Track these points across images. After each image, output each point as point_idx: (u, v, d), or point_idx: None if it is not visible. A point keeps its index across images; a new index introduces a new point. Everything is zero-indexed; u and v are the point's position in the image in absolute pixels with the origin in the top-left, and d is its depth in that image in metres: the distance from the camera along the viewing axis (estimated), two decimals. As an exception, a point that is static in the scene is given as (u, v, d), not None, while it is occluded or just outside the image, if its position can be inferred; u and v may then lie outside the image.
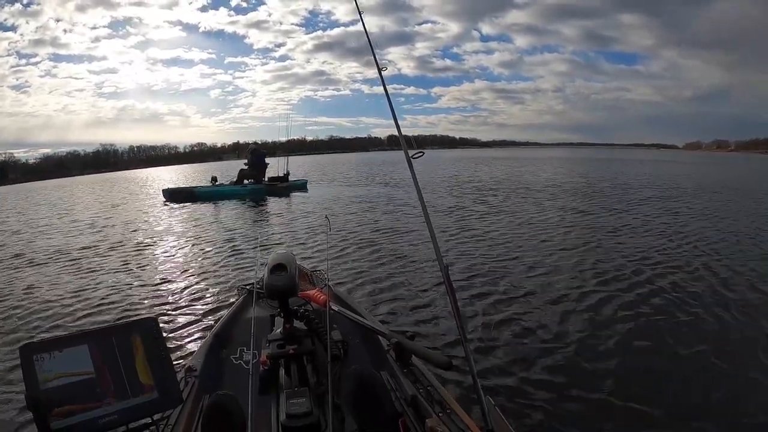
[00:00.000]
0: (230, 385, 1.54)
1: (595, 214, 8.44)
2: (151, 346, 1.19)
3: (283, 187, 14.78)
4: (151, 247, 6.82)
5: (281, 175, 15.30)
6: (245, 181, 14.70)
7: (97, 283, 4.84)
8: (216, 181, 15.08)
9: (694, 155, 68.08)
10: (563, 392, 2.43)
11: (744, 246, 5.73)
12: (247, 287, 2.67)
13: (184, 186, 16.94)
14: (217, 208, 11.57)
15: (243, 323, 2.10)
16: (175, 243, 7.08)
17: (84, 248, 6.90)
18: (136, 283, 4.78)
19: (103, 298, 4.33)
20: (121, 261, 5.85)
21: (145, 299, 4.29)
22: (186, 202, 13.02)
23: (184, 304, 4.09)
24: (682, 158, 47.31)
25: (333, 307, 1.92)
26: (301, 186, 15.71)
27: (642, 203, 9.99)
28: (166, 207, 12.44)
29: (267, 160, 15.55)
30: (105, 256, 6.19)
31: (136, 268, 5.47)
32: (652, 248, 5.60)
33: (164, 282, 4.83)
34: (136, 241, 7.33)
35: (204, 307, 3.97)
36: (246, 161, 15.21)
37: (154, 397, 1.16)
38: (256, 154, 15.19)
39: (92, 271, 5.38)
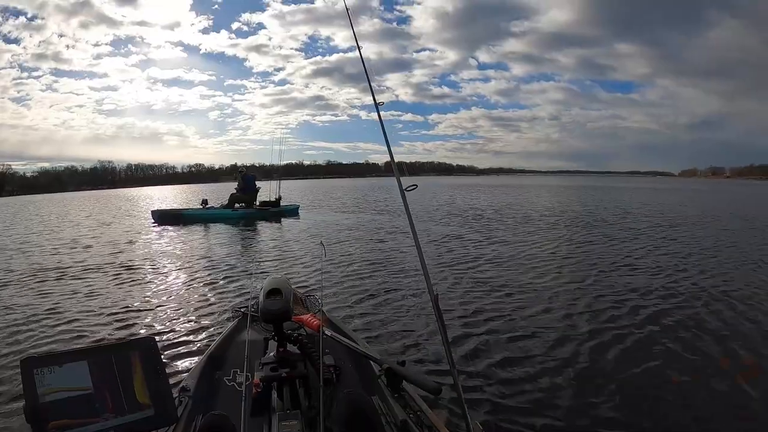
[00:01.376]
0: (223, 406, 1.56)
1: (595, 244, 8.48)
2: (148, 364, 1.21)
3: (275, 212, 14.64)
4: (144, 268, 6.78)
5: (273, 199, 15.12)
6: (236, 205, 14.54)
7: (91, 305, 4.81)
8: (206, 204, 14.90)
9: (691, 182, 68.59)
10: (550, 419, 2.46)
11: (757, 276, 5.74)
12: (242, 310, 2.69)
13: (173, 208, 16.68)
14: (208, 232, 11.48)
15: (237, 345, 2.12)
16: (168, 265, 7.04)
17: (74, 269, 6.86)
18: (130, 304, 4.76)
19: (98, 318, 4.32)
20: (115, 282, 5.82)
21: (139, 319, 4.28)
22: (175, 224, 12.88)
23: (178, 325, 4.09)
24: (679, 185, 47.59)
25: (326, 332, 1.94)
26: (293, 211, 15.49)
27: (644, 232, 10.02)
28: (156, 228, 12.27)
29: (260, 183, 15.44)
30: (96, 278, 6.15)
31: (130, 289, 5.44)
32: (653, 278, 5.63)
33: (158, 303, 4.82)
34: (128, 262, 7.27)
35: (198, 328, 3.97)
36: (237, 186, 15.02)
37: (150, 415, 1.18)
38: (246, 177, 15.00)
39: (86, 292, 5.36)
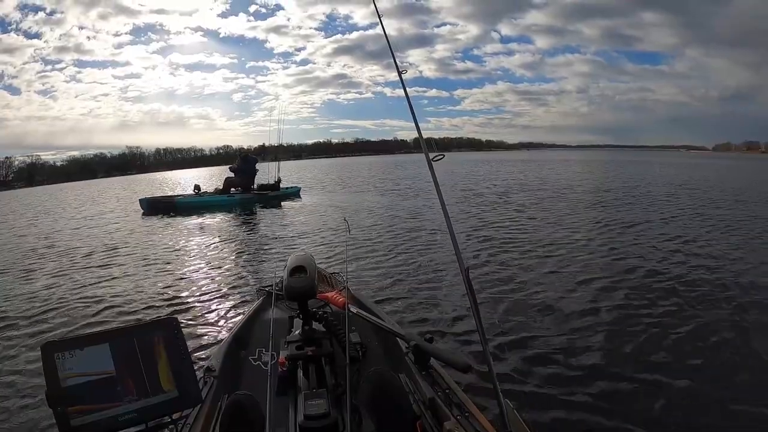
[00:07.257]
0: (249, 386, 1.55)
1: (639, 224, 7.56)
2: (171, 345, 1.20)
3: (274, 195, 13.82)
4: (157, 255, 6.63)
5: (272, 182, 14.19)
6: (232, 190, 13.62)
7: (115, 288, 4.88)
8: (199, 190, 13.54)
9: (728, 157, 64.33)
10: (585, 399, 2.38)
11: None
12: (266, 289, 2.69)
13: (164, 195, 15.09)
14: (209, 220, 10.66)
15: (262, 324, 2.11)
16: (183, 252, 6.90)
17: (93, 254, 6.93)
18: (149, 289, 4.79)
19: (121, 301, 4.38)
20: (132, 270, 5.76)
21: (160, 303, 4.30)
22: (166, 213, 11.86)
23: (201, 306, 4.11)
24: (719, 161, 42.03)
25: (352, 309, 1.91)
26: (294, 194, 14.70)
27: (698, 216, 8.45)
28: (150, 219, 11.24)
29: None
30: (112, 266, 6.10)
31: (148, 275, 5.42)
32: (708, 266, 4.87)
33: (180, 287, 4.83)
34: (136, 250, 7.08)
35: (221, 309, 3.99)
36: (231, 167, 14.05)
37: (174, 396, 1.17)
38: (246, 159, 13.93)
39: (108, 276, 5.45)
